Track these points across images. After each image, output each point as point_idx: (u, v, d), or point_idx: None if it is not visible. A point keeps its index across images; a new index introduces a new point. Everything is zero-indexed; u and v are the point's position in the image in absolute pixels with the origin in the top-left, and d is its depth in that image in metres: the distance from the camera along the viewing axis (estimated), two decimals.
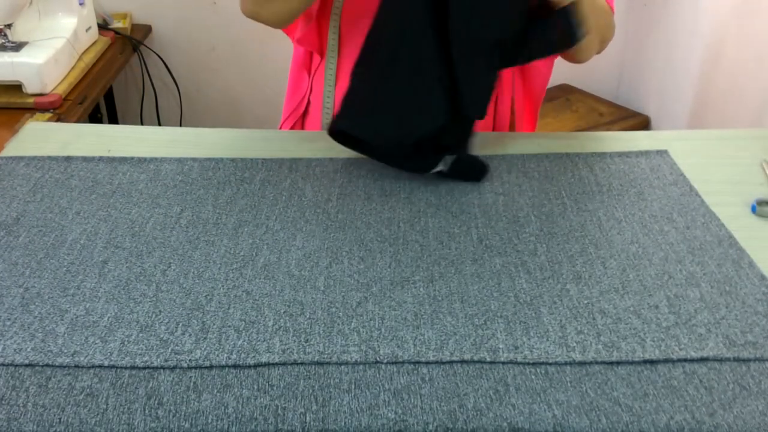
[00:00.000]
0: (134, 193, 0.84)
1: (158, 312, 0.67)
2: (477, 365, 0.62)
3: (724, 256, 0.75)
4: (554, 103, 2.21)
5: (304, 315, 0.67)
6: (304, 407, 0.58)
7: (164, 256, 0.74)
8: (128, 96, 2.25)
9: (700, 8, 1.82)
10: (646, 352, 0.63)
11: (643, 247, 0.76)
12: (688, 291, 0.70)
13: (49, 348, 0.62)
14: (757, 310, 0.68)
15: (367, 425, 0.56)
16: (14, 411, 0.57)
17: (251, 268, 0.72)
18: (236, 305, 0.68)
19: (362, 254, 0.74)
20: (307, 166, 0.90)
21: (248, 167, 0.89)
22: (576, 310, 0.67)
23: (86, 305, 0.67)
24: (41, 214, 0.80)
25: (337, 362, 0.62)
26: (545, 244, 0.76)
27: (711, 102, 1.79)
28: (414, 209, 0.82)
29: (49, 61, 1.53)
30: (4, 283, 0.70)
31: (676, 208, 0.83)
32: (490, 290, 0.70)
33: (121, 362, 0.61)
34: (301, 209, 0.82)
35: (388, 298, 0.69)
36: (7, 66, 1.49)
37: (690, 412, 0.57)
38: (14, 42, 1.55)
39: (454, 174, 0.86)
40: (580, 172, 0.90)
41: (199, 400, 0.58)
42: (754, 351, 0.63)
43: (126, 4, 2.11)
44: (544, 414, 0.57)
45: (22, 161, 0.90)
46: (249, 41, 2.18)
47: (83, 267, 0.72)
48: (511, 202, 0.84)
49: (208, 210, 0.81)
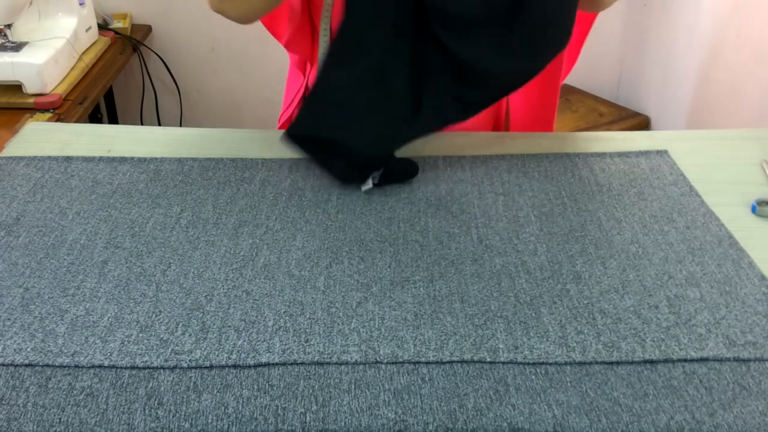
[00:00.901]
0: (134, 193, 0.84)
1: (158, 312, 0.67)
2: (477, 365, 0.62)
3: (724, 256, 0.75)
4: None
5: (304, 315, 0.67)
6: (304, 407, 0.58)
7: (164, 256, 0.74)
8: (128, 96, 2.26)
9: (700, 8, 1.82)
10: (646, 352, 0.63)
11: (643, 247, 0.76)
12: (688, 291, 0.70)
13: (49, 348, 0.62)
14: (757, 310, 0.68)
15: (367, 425, 0.56)
16: (14, 411, 0.57)
17: (251, 268, 0.72)
18: (236, 305, 0.68)
19: (362, 254, 0.74)
20: (307, 166, 0.90)
21: (248, 167, 0.89)
22: (576, 310, 0.67)
23: (86, 305, 0.67)
24: (41, 214, 0.80)
25: (337, 362, 0.62)
26: (545, 244, 0.76)
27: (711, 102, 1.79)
28: (414, 209, 0.82)
29: (49, 61, 1.53)
30: (4, 283, 0.70)
31: (676, 208, 0.82)
32: (490, 290, 0.70)
33: (121, 362, 0.61)
34: (301, 209, 0.82)
35: (388, 298, 0.69)
36: (7, 66, 1.49)
37: (690, 412, 0.57)
38: (14, 42, 1.55)
39: (386, 181, 0.85)
40: (580, 172, 0.89)
41: (199, 400, 0.58)
42: (754, 351, 0.63)
43: (126, 4, 2.11)
44: (544, 414, 0.57)
45: (22, 161, 0.90)
46: (249, 41, 2.18)
47: (83, 267, 0.72)
48: (511, 202, 0.83)
49: (208, 210, 0.81)
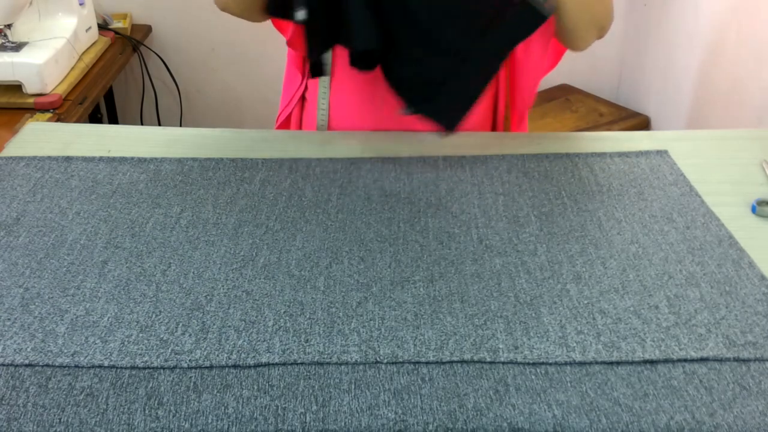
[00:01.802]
0: (134, 193, 0.84)
1: (158, 312, 0.67)
2: (477, 365, 0.62)
3: (724, 256, 0.75)
4: (554, 103, 2.21)
5: (304, 315, 0.67)
6: (304, 407, 0.58)
7: (164, 256, 0.74)
8: (128, 96, 2.25)
9: (700, 8, 1.82)
10: (646, 352, 0.63)
11: (643, 247, 0.76)
12: (688, 291, 0.70)
13: (49, 348, 0.62)
14: (757, 310, 0.68)
15: (367, 425, 0.56)
16: (14, 411, 0.57)
17: (251, 268, 0.72)
18: (236, 305, 0.68)
19: (362, 254, 0.74)
20: (307, 166, 0.90)
21: (248, 167, 0.89)
22: (576, 310, 0.67)
23: (86, 305, 0.67)
24: (41, 214, 0.80)
25: (337, 362, 0.62)
26: (545, 244, 0.76)
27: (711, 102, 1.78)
28: (414, 209, 0.82)
29: (49, 61, 1.53)
30: (4, 283, 0.70)
31: (676, 208, 0.82)
32: (490, 290, 0.70)
33: (121, 362, 0.61)
34: (301, 209, 0.82)
35: (388, 298, 0.69)
36: (7, 66, 1.49)
37: (690, 412, 0.57)
38: (14, 42, 1.55)
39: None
40: (580, 172, 0.89)
41: (199, 400, 0.58)
42: (754, 351, 0.63)
43: (126, 4, 2.11)
44: (544, 414, 0.57)
45: (22, 161, 0.90)
46: (249, 41, 2.18)
47: (83, 267, 0.72)
48: (511, 202, 0.83)
49: (208, 210, 0.81)
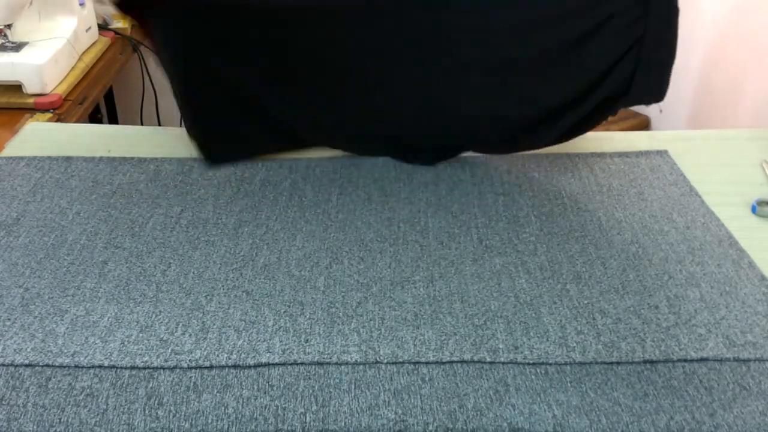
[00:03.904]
0: (134, 193, 0.84)
1: (158, 312, 0.67)
2: (477, 365, 0.61)
3: (724, 256, 0.75)
4: None
5: (304, 315, 0.66)
6: (304, 407, 0.58)
7: (164, 256, 0.74)
8: (128, 96, 2.25)
9: (700, 8, 1.82)
10: (646, 352, 0.63)
11: (643, 247, 0.76)
12: (688, 291, 0.70)
13: (49, 348, 0.62)
14: (757, 310, 0.68)
15: (367, 425, 0.56)
16: (14, 411, 0.57)
17: (251, 268, 0.72)
18: (236, 305, 0.68)
19: (362, 254, 0.74)
20: (307, 166, 0.90)
21: (248, 167, 0.89)
22: (576, 310, 0.67)
23: (86, 305, 0.67)
24: (41, 215, 0.80)
25: (337, 362, 0.62)
26: (545, 244, 0.76)
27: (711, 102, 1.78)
28: (414, 209, 0.82)
29: (49, 61, 1.53)
30: (4, 283, 0.70)
31: (676, 208, 0.82)
32: (490, 290, 0.70)
33: (121, 362, 0.61)
34: (301, 209, 0.82)
35: (388, 298, 0.69)
36: (7, 66, 1.49)
37: (690, 412, 0.57)
38: (14, 42, 1.55)
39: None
40: (580, 172, 0.89)
41: (199, 400, 0.58)
42: (754, 351, 0.63)
43: None
44: (544, 414, 0.57)
45: (22, 161, 0.90)
46: None
47: (83, 267, 0.72)
48: (511, 202, 0.83)
49: (208, 210, 0.81)
